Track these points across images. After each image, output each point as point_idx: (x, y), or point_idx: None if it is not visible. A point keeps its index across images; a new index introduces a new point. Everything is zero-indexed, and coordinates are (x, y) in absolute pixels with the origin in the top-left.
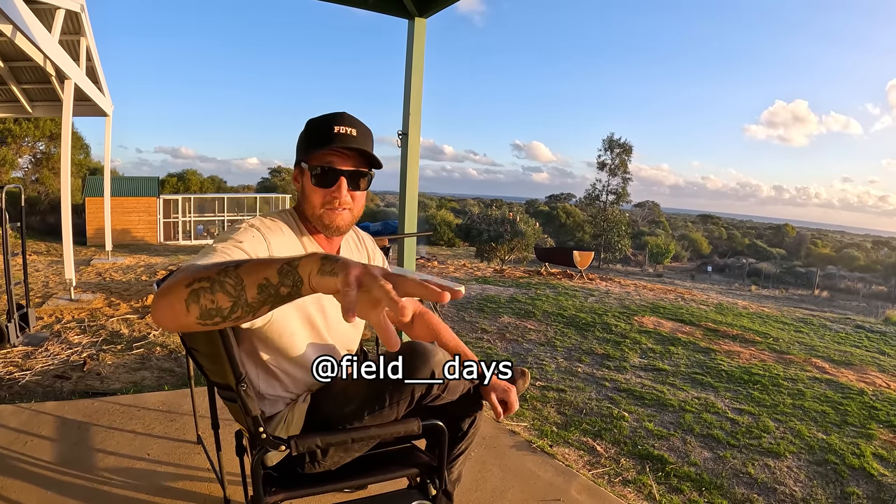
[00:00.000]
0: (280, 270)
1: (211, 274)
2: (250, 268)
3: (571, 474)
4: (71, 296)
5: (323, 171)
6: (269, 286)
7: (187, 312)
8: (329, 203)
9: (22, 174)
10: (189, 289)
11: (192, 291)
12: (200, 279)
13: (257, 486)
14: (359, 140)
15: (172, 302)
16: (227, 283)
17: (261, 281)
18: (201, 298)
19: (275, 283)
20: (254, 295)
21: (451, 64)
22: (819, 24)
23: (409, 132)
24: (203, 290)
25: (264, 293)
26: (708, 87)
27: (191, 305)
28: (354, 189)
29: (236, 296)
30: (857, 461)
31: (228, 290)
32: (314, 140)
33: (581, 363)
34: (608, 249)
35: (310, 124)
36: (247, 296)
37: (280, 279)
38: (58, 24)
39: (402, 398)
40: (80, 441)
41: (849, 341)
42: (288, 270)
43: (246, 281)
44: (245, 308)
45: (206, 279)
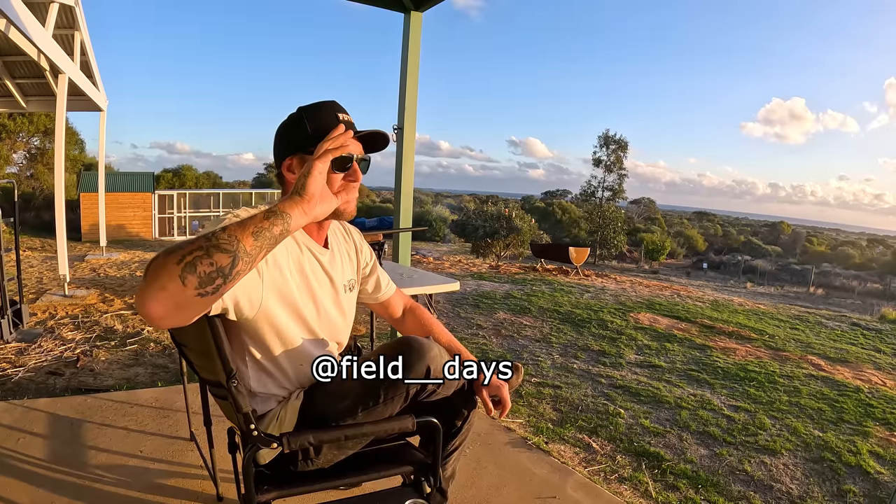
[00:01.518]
0: (266, 216)
1: (200, 243)
2: (236, 225)
3: (567, 471)
4: (65, 292)
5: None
6: (262, 230)
7: (184, 287)
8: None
9: (16, 170)
10: (181, 263)
11: (187, 264)
12: (191, 251)
13: (249, 484)
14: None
15: (164, 283)
16: (220, 242)
17: (252, 229)
18: (198, 266)
19: (266, 226)
20: (251, 242)
21: (448, 60)
22: (818, 21)
23: (404, 127)
24: (198, 259)
25: (260, 238)
26: (705, 84)
27: (187, 277)
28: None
29: (234, 249)
30: (854, 458)
31: (224, 247)
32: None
33: (577, 360)
34: (604, 246)
35: (309, 112)
36: (245, 245)
37: (270, 222)
38: (51, 18)
39: (397, 395)
40: (72, 438)
41: (844, 339)
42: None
43: (239, 234)
44: (245, 258)
45: (197, 248)
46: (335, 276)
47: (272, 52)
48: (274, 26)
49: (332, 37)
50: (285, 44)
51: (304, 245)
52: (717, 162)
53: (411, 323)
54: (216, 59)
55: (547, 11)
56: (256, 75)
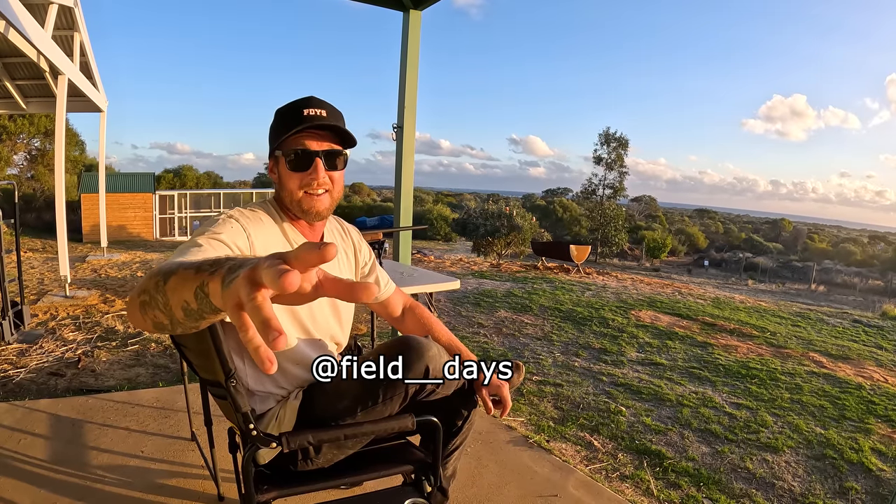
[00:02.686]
0: (196, 295)
1: (150, 286)
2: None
3: (569, 469)
4: (66, 293)
5: (297, 154)
6: (190, 311)
7: (144, 321)
8: (307, 186)
9: (17, 171)
10: (139, 300)
11: (141, 303)
12: (145, 291)
13: (248, 484)
14: (329, 120)
15: (132, 310)
16: (158, 300)
17: (182, 304)
18: (147, 311)
19: (194, 308)
20: (181, 316)
21: (448, 58)
22: (816, 16)
23: (404, 125)
24: (146, 304)
25: (190, 317)
26: (706, 81)
27: (144, 316)
28: (331, 169)
29: (169, 315)
30: (856, 456)
31: (161, 307)
32: (285, 125)
33: (578, 358)
34: (605, 244)
35: (279, 112)
36: (176, 317)
37: (199, 305)
38: (51, 19)
39: (396, 394)
40: (74, 439)
41: (846, 336)
42: (202, 297)
43: (171, 301)
44: (182, 326)
45: (146, 292)
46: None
47: (272, 52)
48: (273, 26)
49: (332, 36)
50: (285, 44)
51: (295, 243)
52: (718, 159)
53: (411, 322)
54: (216, 59)
55: (547, 8)
56: (256, 75)
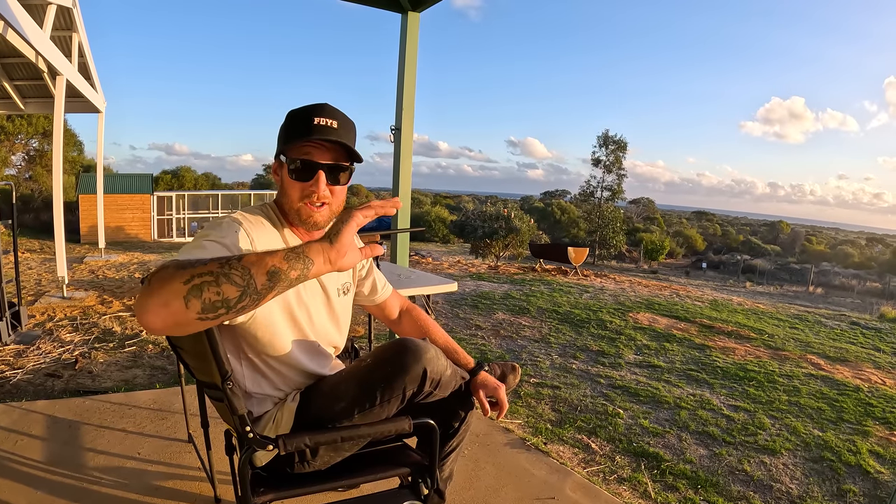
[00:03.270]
0: (286, 256)
1: (213, 268)
2: (254, 258)
3: (566, 472)
4: (63, 294)
5: (301, 165)
6: (278, 272)
7: (186, 309)
8: (307, 197)
9: (15, 171)
10: (189, 285)
11: (194, 287)
12: (202, 273)
13: (244, 486)
14: (339, 132)
15: (168, 300)
16: (233, 273)
17: (269, 268)
18: (204, 292)
19: (284, 268)
20: (263, 282)
21: (447, 59)
22: (818, 18)
23: (402, 127)
24: (206, 284)
25: (274, 279)
26: (704, 83)
27: (191, 301)
28: (333, 183)
29: (244, 284)
30: (854, 458)
31: (236, 280)
32: (293, 131)
33: (576, 360)
34: (603, 246)
35: (290, 115)
36: (256, 283)
37: (289, 264)
38: (49, 19)
39: (393, 396)
40: (70, 440)
41: (844, 338)
42: (294, 256)
43: (253, 270)
44: (254, 296)
45: (208, 273)
46: (327, 281)
47: (271, 53)
48: (272, 27)
49: (331, 37)
50: (284, 44)
51: None
52: (716, 161)
53: (408, 324)
54: (214, 60)
55: (546, 9)
56: (255, 76)
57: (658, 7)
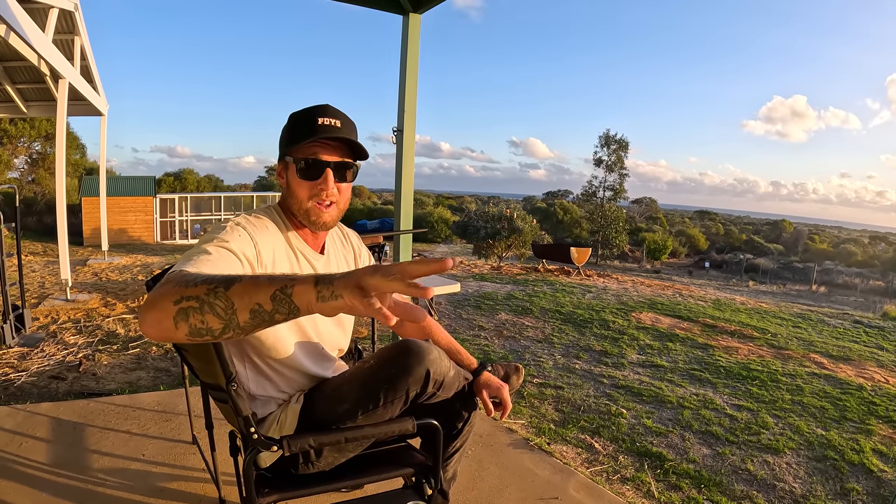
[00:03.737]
0: (273, 297)
1: (199, 293)
2: (241, 290)
3: (569, 472)
4: (67, 296)
5: (308, 164)
6: (262, 312)
7: (175, 329)
8: (316, 196)
9: (18, 175)
10: (177, 306)
11: (181, 310)
12: (189, 297)
13: (249, 487)
14: (343, 131)
15: (160, 318)
16: (216, 305)
17: (252, 306)
18: (190, 318)
19: (268, 309)
20: (246, 319)
21: (449, 60)
22: (816, 18)
23: (403, 128)
24: (192, 310)
25: (257, 318)
26: (706, 82)
27: (179, 323)
28: (340, 181)
29: (227, 319)
30: (857, 457)
31: (219, 312)
32: (298, 133)
33: (579, 360)
34: (605, 246)
35: (293, 117)
36: (238, 320)
37: (274, 306)
38: (51, 23)
39: (397, 397)
40: (75, 442)
41: (847, 336)
42: (282, 298)
43: (237, 305)
44: (237, 330)
45: (194, 298)
46: None
47: (272, 55)
48: (273, 29)
49: (332, 38)
50: (285, 46)
51: (299, 251)
52: (718, 161)
53: (410, 326)
54: (216, 62)
55: (547, 10)
56: (257, 78)
57: (658, 8)
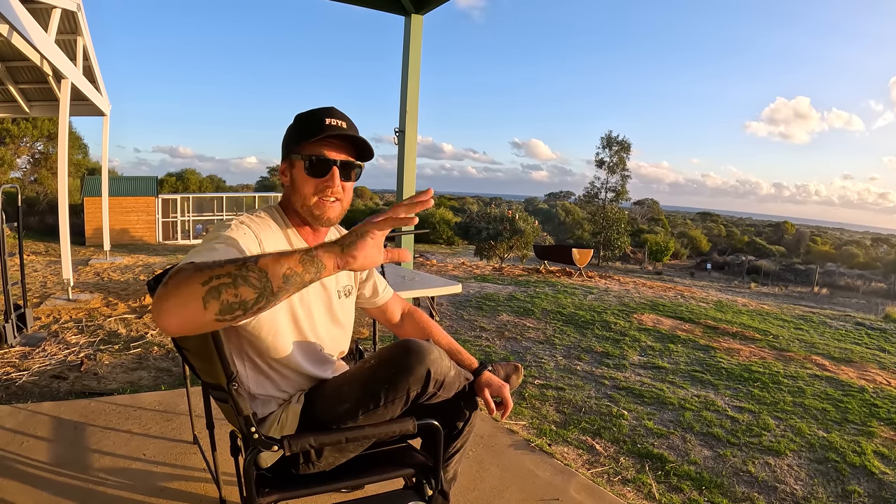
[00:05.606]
0: (301, 260)
1: (230, 269)
2: (270, 261)
3: (570, 473)
4: (69, 296)
5: (316, 161)
6: (294, 274)
7: (204, 310)
8: (322, 193)
9: (20, 174)
10: (207, 286)
11: (212, 288)
12: (220, 275)
13: (250, 487)
14: (350, 132)
15: (185, 301)
16: (250, 276)
17: (285, 271)
18: (223, 294)
19: (299, 271)
20: (279, 284)
21: (451, 61)
22: (817, 18)
23: (405, 129)
24: (225, 286)
25: (289, 282)
26: (708, 84)
27: (209, 302)
28: (345, 180)
29: (262, 287)
30: (858, 459)
31: (253, 282)
32: (306, 131)
33: (580, 361)
34: (607, 247)
35: (299, 118)
36: (272, 285)
37: (304, 267)
38: (54, 23)
39: (398, 397)
40: (76, 441)
41: (849, 338)
42: (308, 259)
43: (270, 272)
44: (269, 297)
45: (226, 275)
46: (329, 284)
47: (274, 56)
48: (275, 29)
49: (334, 39)
50: (287, 47)
51: None
52: (720, 162)
53: (410, 327)
54: (217, 62)
55: (549, 10)
56: (259, 79)
57: (660, 9)
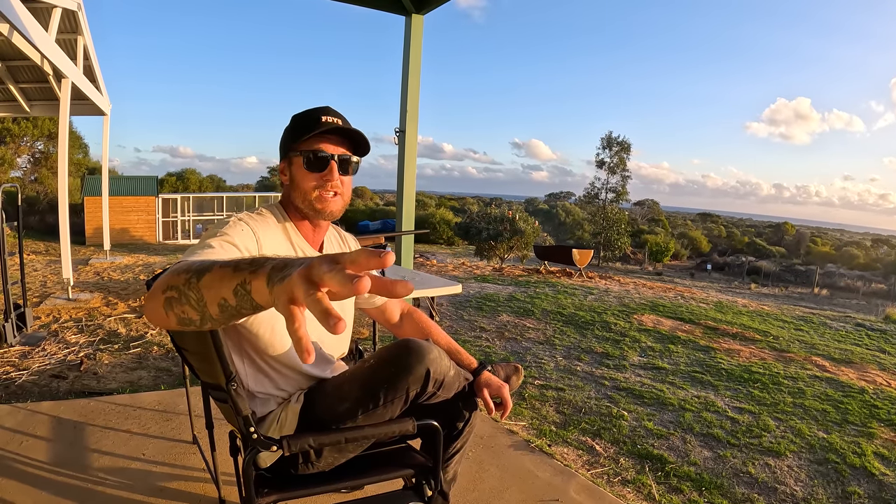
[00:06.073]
0: (235, 292)
1: (179, 283)
2: (209, 282)
3: (570, 474)
4: (69, 295)
5: (314, 156)
6: (228, 307)
7: (167, 318)
8: (321, 187)
9: (21, 174)
10: (164, 296)
11: (167, 300)
12: (172, 287)
13: (249, 487)
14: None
15: (155, 306)
16: (191, 297)
17: (219, 301)
18: (174, 307)
19: (233, 304)
20: (216, 312)
21: (451, 61)
22: (823, 17)
23: (406, 130)
24: (173, 300)
25: (226, 313)
26: (709, 84)
27: (168, 312)
28: (344, 174)
29: (201, 311)
30: (858, 460)
31: (193, 304)
32: (303, 129)
33: (580, 362)
34: (607, 248)
35: (297, 117)
36: (210, 312)
37: (238, 302)
38: (55, 22)
39: (397, 397)
40: (76, 441)
41: (849, 339)
42: (243, 294)
43: (206, 297)
44: (213, 322)
45: (174, 288)
46: None
47: (274, 56)
48: (275, 29)
49: (334, 38)
50: (287, 47)
51: (298, 247)
52: (720, 163)
53: (409, 327)
54: (217, 62)
55: (550, 10)
56: (260, 78)
57: (662, 9)
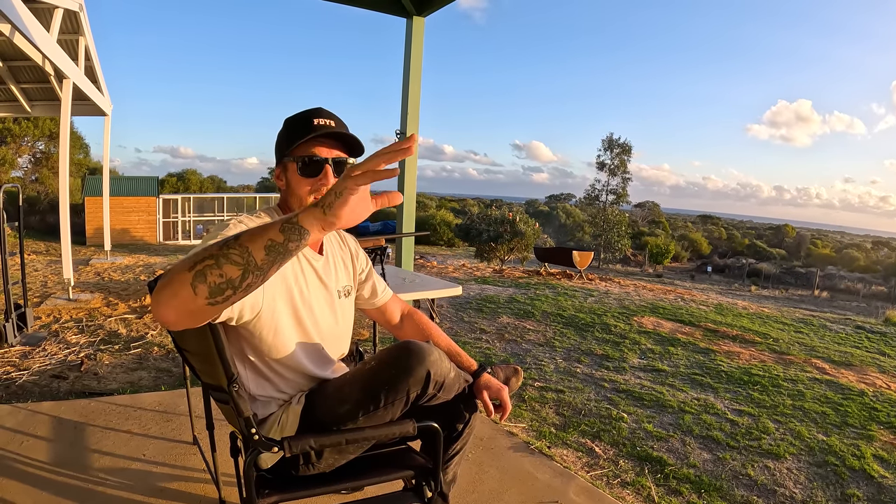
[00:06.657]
0: (282, 228)
1: (212, 251)
2: (250, 235)
3: (570, 476)
4: (69, 295)
5: (308, 161)
6: (276, 245)
7: (195, 295)
8: (317, 192)
9: (21, 174)
10: (193, 271)
11: (197, 272)
12: (203, 259)
13: (249, 488)
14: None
15: (177, 290)
16: (231, 253)
17: (266, 243)
18: (208, 276)
19: (281, 241)
20: (262, 256)
21: (451, 62)
22: (825, 17)
23: (406, 131)
24: (209, 268)
25: (272, 252)
26: (710, 86)
27: (198, 287)
28: (339, 176)
29: (245, 262)
30: (858, 463)
31: (235, 259)
32: (296, 134)
33: (580, 364)
34: (608, 250)
35: (288, 121)
36: (255, 259)
37: (285, 236)
38: (56, 23)
39: (397, 398)
40: (76, 441)
41: (849, 342)
42: (289, 227)
43: (251, 247)
44: (256, 272)
45: (209, 257)
46: (329, 283)
47: (276, 56)
48: (277, 30)
49: (335, 40)
50: (288, 48)
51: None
52: (721, 164)
53: (409, 328)
54: (218, 62)
55: (551, 11)
56: (260, 79)
57: (663, 9)
